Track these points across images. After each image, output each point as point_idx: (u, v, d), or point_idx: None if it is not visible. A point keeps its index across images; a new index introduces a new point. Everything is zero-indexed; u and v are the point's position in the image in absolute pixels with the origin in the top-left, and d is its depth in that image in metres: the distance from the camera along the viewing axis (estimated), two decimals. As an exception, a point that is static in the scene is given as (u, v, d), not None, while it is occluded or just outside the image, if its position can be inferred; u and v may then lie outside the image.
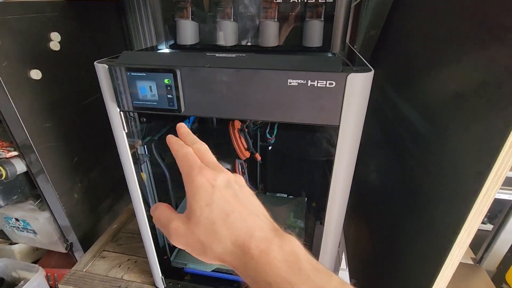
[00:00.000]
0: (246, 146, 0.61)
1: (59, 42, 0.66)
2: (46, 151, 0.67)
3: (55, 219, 0.76)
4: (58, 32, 0.66)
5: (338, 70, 0.34)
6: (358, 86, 0.35)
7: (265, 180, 0.82)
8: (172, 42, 0.51)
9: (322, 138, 0.57)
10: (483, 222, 1.01)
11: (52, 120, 0.68)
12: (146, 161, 0.56)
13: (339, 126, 0.37)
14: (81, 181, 0.79)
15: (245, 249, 0.21)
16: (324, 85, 0.35)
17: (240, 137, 0.60)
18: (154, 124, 0.56)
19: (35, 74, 0.61)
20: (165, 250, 0.65)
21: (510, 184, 0.65)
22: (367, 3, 0.66)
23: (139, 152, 0.54)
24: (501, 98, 0.26)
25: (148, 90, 0.39)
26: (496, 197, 0.62)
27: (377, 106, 0.57)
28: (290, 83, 0.35)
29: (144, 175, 0.56)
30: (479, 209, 0.27)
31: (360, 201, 0.67)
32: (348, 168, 0.41)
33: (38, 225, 0.78)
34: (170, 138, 0.29)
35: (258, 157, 0.65)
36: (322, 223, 0.46)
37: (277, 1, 0.43)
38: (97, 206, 0.87)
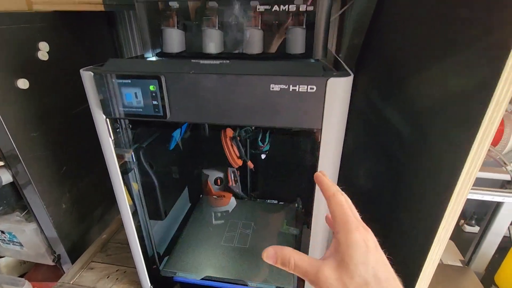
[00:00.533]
0: (238, 154, 0.61)
1: (47, 52, 0.66)
2: (33, 161, 0.66)
3: (42, 230, 0.75)
4: (46, 42, 0.66)
5: (318, 75, 0.35)
6: (339, 90, 0.36)
7: (255, 187, 0.82)
8: (159, 50, 0.52)
9: (313, 143, 0.57)
10: (470, 225, 1.02)
11: (39, 130, 0.67)
12: (134, 169, 0.56)
13: (321, 129, 0.38)
14: (70, 191, 0.78)
15: None
16: (306, 90, 0.36)
17: (232, 146, 0.60)
18: (142, 132, 0.56)
19: (22, 84, 0.61)
20: (154, 259, 0.64)
21: (494, 186, 0.66)
22: (350, 13, 0.68)
23: (127, 160, 0.54)
24: (472, 102, 0.28)
25: (134, 97, 0.40)
26: (482, 199, 0.64)
27: (364, 112, 0.58)
28: (272, 88, 0.36)
29: (136, 185, 0.56)
30: (454, 207, 0.28)
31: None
32: (332, 169, 0.42)
33: (25, 237, 0.76)
34: (323, 179, 0.29)
35: (251, 165, 0.66)
36: (309, 226, 0.47)
37: (260, 10, 0.45)
38: (86, 216, 0.85)
